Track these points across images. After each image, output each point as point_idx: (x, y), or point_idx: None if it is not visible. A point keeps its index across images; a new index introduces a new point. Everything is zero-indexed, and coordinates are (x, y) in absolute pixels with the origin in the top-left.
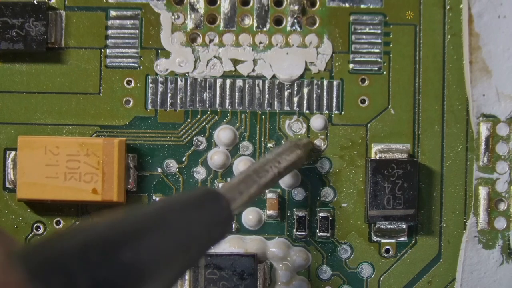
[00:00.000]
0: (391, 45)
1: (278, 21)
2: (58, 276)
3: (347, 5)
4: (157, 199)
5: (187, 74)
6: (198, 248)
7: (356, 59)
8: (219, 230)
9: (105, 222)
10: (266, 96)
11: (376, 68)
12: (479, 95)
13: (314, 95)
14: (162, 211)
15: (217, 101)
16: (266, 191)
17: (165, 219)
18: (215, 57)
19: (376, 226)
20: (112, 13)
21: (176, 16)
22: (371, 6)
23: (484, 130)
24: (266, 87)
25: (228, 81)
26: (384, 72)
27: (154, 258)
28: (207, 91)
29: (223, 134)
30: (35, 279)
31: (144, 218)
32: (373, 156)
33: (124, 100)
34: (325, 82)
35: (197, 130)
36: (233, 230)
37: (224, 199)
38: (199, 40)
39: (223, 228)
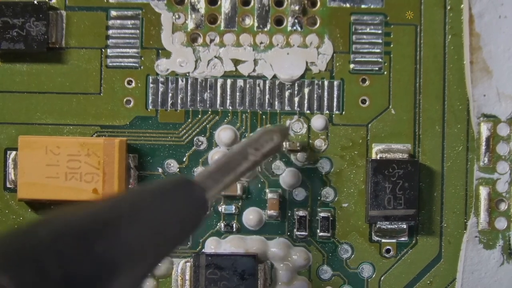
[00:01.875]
0: (391, 45)
1: (279, 21)
2: (29, 269)
3: (347, 5)
4: None
5: (187, 74)
6: (172, 237)
7: (356, 59)
8: (194, 218)
9: (78, 213)
10: (267, 96)
11: (377, 68)
12: (479, 95)
13: (315, 95)
14: (135, 201)
15: (218, 101)
16: (267, 190)
17: (138, 209)
18: (215, 57)
19: (377, 226)
20: (113, 13)
21: (176, 16)
22: (372, 6)
23: (484, 130)
24: (267, 87)
25: (228, 81)
26: (385, 72)
27: (128, 248)
28: (208, 91)
29: (224, 134)
30: (6, 272)
31: (117, 208)
32: (373, 156)
33: (124, 100)
34: (326, 82)
35: (197, 130)
36: (234, 230)
37: (199, 187)
38: (200, 40)
39: (197, 217)
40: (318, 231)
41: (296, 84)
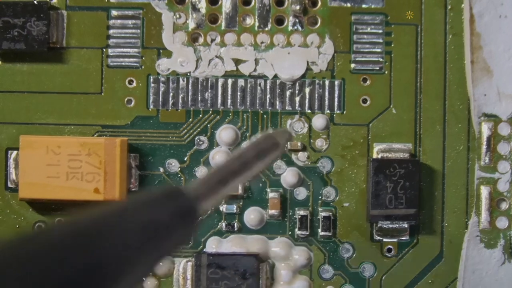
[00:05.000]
0: (392, 45)
1: (280, 21)
2: (14, 282)
3: (348, 4)
4: None
5: (188, 74)
6: (162, 246)
7: (357, 58)
8: (184, 228)
9: (64, 225)
10: (268, 95)
11: (378, 68)
12: (480, 95)
13: (316, 95)
14: (122, 210)
15: (219, 101)
16: (268, 190)
17: (126, 218)
18: (216, 56)
19: (378, 225)
20: (114, 12)
21: (177, 16)
22: (373, 6)
23: (485, 129)
24: (268, 87)
25: (229, 81)
26: (386, 72)
27: (115, 259)
28: (209, 90)
29: (225, 133)
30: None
31: (103, 218)
32: (374, 156)
33: (125, 99)
34: (327, 82)
35: (198, 129)
36: (235, 229)
37: (187, 196)
38: (201, 40)
39: (187, 226)
40: (319, 230)
41: (297, 84)
